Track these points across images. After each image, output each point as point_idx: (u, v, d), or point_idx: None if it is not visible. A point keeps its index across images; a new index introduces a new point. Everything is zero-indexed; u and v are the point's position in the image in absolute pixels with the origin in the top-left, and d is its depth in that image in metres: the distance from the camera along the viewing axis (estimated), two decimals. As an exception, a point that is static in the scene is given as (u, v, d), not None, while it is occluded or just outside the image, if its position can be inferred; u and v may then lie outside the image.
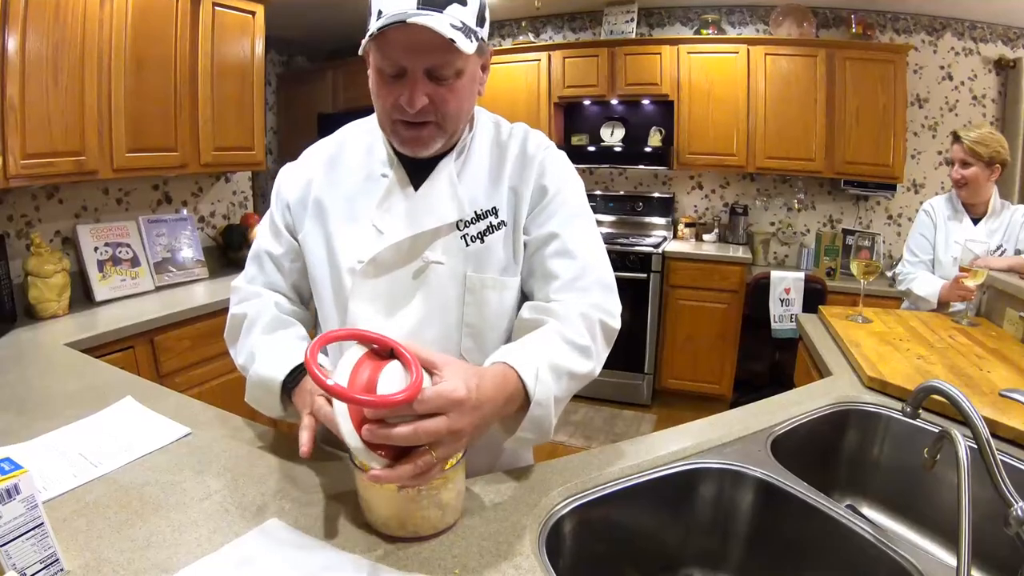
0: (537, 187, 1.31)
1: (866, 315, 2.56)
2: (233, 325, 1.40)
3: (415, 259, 1.27)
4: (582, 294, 1.27)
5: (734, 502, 1.41)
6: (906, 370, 1.93)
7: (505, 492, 1.20)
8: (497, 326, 1.33)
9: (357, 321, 1.26)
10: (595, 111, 5.67)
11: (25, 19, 2.49)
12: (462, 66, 1.14)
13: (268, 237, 1.42)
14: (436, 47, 1.08)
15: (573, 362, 1.17)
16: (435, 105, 1.15)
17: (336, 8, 5.33)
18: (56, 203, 3.14)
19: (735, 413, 1.65)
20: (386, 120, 1.22)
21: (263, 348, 1.29)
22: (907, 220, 4.95)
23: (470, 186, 1.30)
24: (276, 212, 1.41)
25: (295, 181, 1.39)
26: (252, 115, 3.76)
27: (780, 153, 4.81)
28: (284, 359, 1.24)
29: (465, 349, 1.31)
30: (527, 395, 1.07)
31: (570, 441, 4.35)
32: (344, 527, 1.09)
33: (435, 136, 1.21)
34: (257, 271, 1.42)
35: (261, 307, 1.37)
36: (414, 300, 1.28)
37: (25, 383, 1.97)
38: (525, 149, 1.34)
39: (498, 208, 1.30)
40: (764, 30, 5.15)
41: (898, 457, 1.74)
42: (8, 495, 0.87)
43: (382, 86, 1.17)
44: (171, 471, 1.28)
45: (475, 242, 1.28)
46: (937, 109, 4.84)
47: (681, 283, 4.81)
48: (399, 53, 1.10)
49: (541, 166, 1.32)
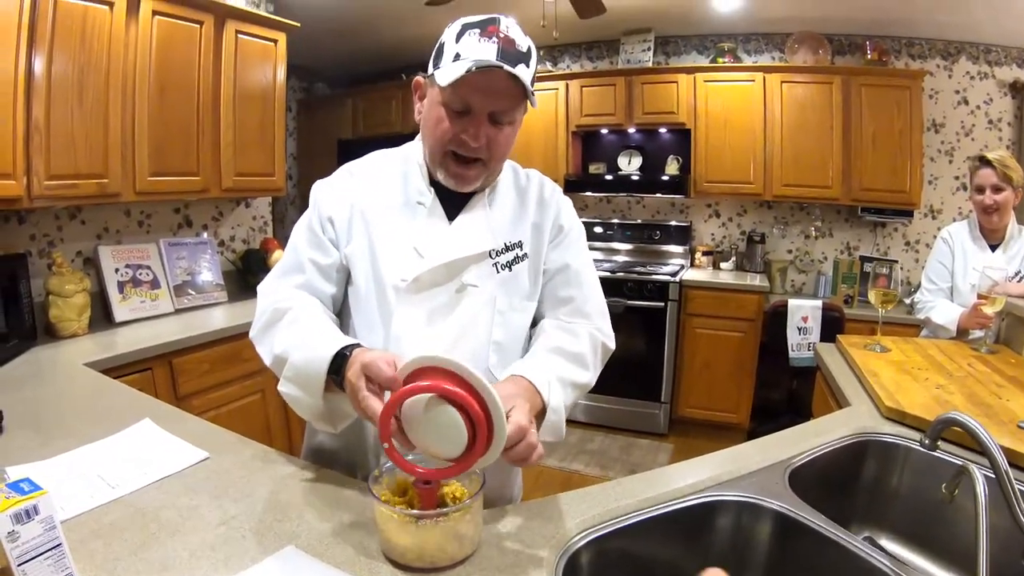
0: (555, 225, 1.51)
1: (884, 344, 2.54)
2: (271, 319, 1.37)
3: (452, 281, 1.39)
4: (587, 319, 1.48)
5: (751, 534, 1.39)
6: (924, 400, 1.91)
7: (522, 523, 1.20)
8: (517, 344, 1.48)
9: (402, 329, 1.36)
10: (612, 140, 5.70)
11: (52, 42, 2.53)
12: (517, 116, 1.34)
13: (310, 248, 1.43)
14: (508, 94, 1.27)
15: (576, 374, 1.37)
16: (489, 145, 1.30)
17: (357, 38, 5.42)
18: (79, 224, 3.17)
19: (753, 445, 1.64)
20: (439, 151, 1.34)
21: (307, 332, 1.28)
22: (924, 246, 4.93)
23: (499, 220, 1.45)
24: (317, 225, 1.44)
25: (336, 197, 1.44)
26: (273, 141, 3.78)
27: (797, 180, 4.80)
28: (334, 338, 1.23)
29: (492, 364, 1.42)
30: (543, 403, 1.22)
31: (586, 470, 4.31)
32: (361, 557, 1.08)
33: (480, 175, 1.37)
34: (302, 280, 1.42)
35: (305, 302, 1.38)
36: (451, 317, 1.39)
37: (44, 402, 1.98)
38: (543, 194, 1.53)
39: (523, 242, 1.47)
40: (780, 58, 5.17)
41: (917, 488, 1.71)
42: (27, 515, 0.88)
43: (445, 120, 1.29)
44: (188, 495, 1.29)
45: (504, 270, 1.43)
46: (953, 134, 4.83)
47: (698, 311, 4.79)
48: (473, 93, 1.24)
49: (557, 207, 1.52)
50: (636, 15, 5.08)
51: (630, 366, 4.79)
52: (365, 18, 4.99)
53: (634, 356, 4.84)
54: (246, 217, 4.16)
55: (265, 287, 1.47)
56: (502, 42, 1.23)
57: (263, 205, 4.28)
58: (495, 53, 1.22)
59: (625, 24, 5.29)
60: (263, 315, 1.40)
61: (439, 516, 1.02)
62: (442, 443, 1.01)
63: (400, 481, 1.12)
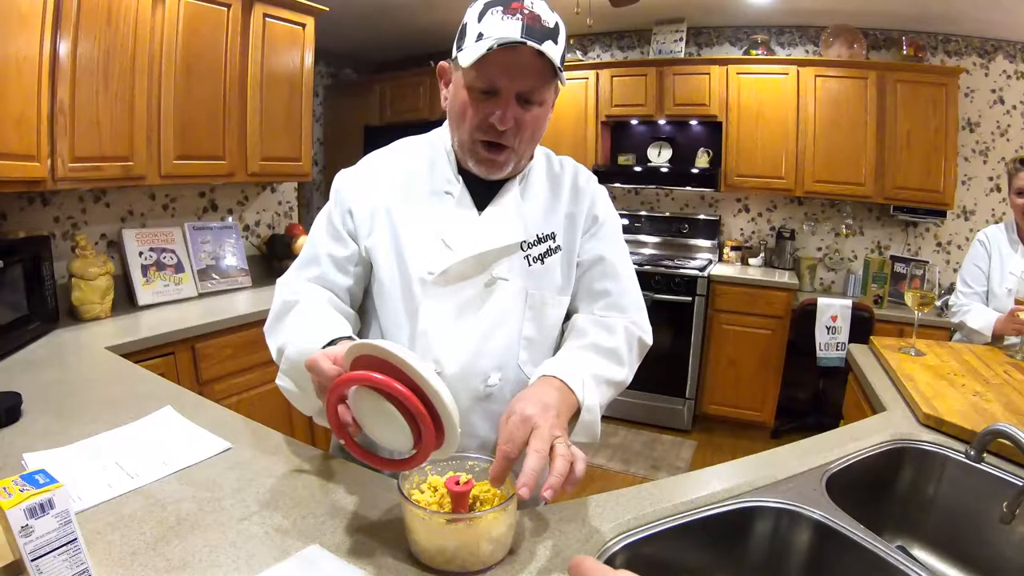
0: (590, 215, 1.46)
1: (919, 347, 2.47)
2: (279, 312, 1.37)
3: (482, 274, 1.35)
4: (623, 312, 1.45)
5: (788, 542, 1.35)
6: (962, 407, 1.84)
7: (555, 527, 1.16)
8: (549, 339, 1.45)
9: (428, 324, 1.32)
10: (642, 131, 5.62)
11: (77, 24, 2.51)
12: (547, 96, 1.28)
13: (328, 241, 1.41)
14: (535, 72, 1.21)
15: (611, 371, 1.33)
16: (518, 127, 1.25)
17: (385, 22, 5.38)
18: (103, 207, 3.17)
19: (788, 449, 1.59)
20: (467, 137, 1.29)
21: (305, 325, 1.26)
22: (956, 248, 4.84)
23: (531, 210, 1.41)
24: (337, 217, 1.41)
25: (359, 188, 1.41)
26: (300, 126, 3.77)
27: (829, 177, 4.72)
28: (328, 330, 1.20)
29: (521, 360, 1.39)
30: (577, 403, 1.18)
31: (608, 465, 4.28)
32: (389, 559, 1.04)
33: (510, 160, 1.31)
34: (318, 272, 1.40)
35: (312, 295, 1.35)
36: (480, 312, 1.35)
37: (64, 385, 1.97)
38: (577, 182, 1.48)
39: (556, 233, 1.43)
40: (814, 51, 5.08)
41: (954, 498, 1.66)
42: (41, 509, 0.85)
43: (471, 103, 1.24)
44: (209, 487, 1.26)
45: (536, 263, 1.39)
46: (988, 133, 4.71)
47: (726, 307, 4.73)
48: (499, 73, 1.19)
49: (592, 197, 1.48)
50: (668, 5, 5.02)
51: (655, 361, 4.69)
52: (393, 2, 4.95)
53: (660, 351, 4.75)
54: (271, 202, 4.15)
55: (283, 280, 1.45)
56: (526, 18, 1.17)
57: (289, 190, 4.27)
58: (519, 30, 1.16)
59: (657, 14, 5.22)
60: (274, 309, 1.39)
61: (472, 518, 0.98)
62: (392, 435, 0.97)
63: (432, 480, 1.08)
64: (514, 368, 1.39)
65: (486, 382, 1.35)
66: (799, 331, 4.52)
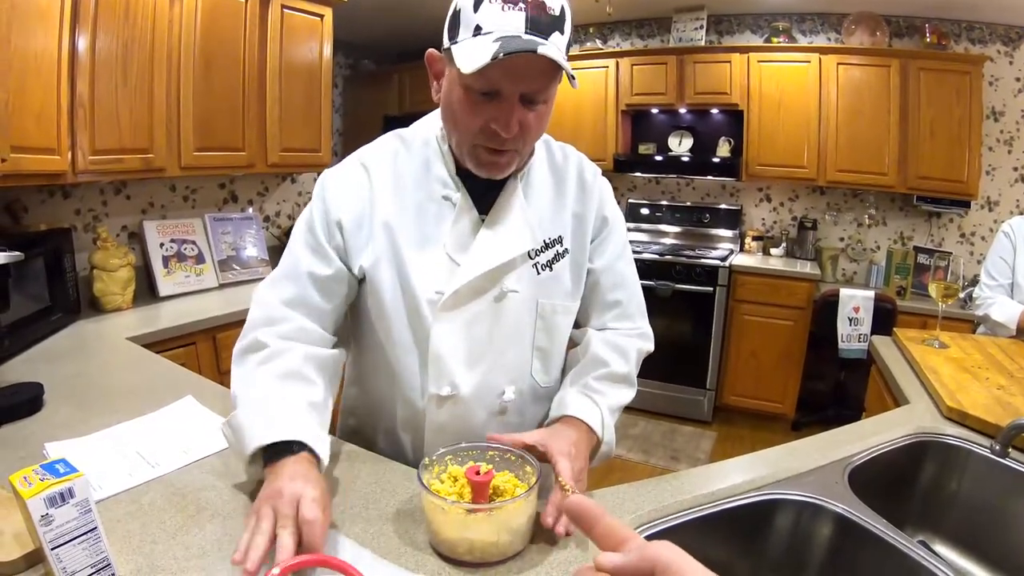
0: (599, 216, 1.39)
1: (943, 340, 2.44)
2: (248, 347, 1.25)
3: (492, 288, 1.27)
4: (631, 320, 1.45)
5: (809, 535, 1.34)
6: (986, 401, 1.82)
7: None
8: (561, 348, 1.43)
9: (441, 347, 1.25)
10: (663, 120, 5.57)
11: (96, 18, 2.52)
12: (551, 93, 1.15)
13: (310, 256, 1.26)
14: (541, 72, 1.08)
15: (623, 396, 1.39)
16: (522, 130, 1.13)
17: (404, 13, 5.35)
18: (123, 199, 3.19)
19: (810, 441, 1.57)
20: (466, 141, 1.17)
21: (265, 396, 1.15)
22: (980, 239, 4.77)
23: (535, 210, 1.32)
24: (320, 229, 1.26)
25: (348, 196, 1.27)
26: (319, 117, 3.78)
27: (851, 166, 4.65)
28: (276, 423, 1.09)
29: (535, 371, 1.38)
30: (598, 440, 1.27)
31: (628, 456, 4.27)
32: (407, 548, 1.04)
33: (513, 162, 1.21)
34: (296, 293, 1.26)
35: (289, 351, 1.22)
36: (492, 327, 1.29)
37: (86, 376, 1.98)
38: (584, 177, 1.39)
39: (563, 236, 1.35)
40: (836, 39, 5.01)
41: (977, 494, 1.64)
42: (62, 499, 0.85)
43: (469, 106, 1.12)
44: (230, 476, 1.26)
45: (545, 270, 1.32)
46: (1013, 123, 4.62)
47: (747, 298, 4.70)
48: (501, 75, 1.06)
49: (601, 195, 1.40)
50: (689, -8, 4.96)
51: (676, 351, 4.75)
52: (410, -7, 4.93)
53: (680, 341, 4.78)
54: (291, 193, 4.17)
55: (258, 295, 1.31)
56: (530, 8, 1.03)
57: (309, 181, 4.28)
58: (523, 23, 1.02)
59: (677, 1, 5.18)
60: (245, 335, 1.27)
61: (492, 508, 0.97)
62: None
63: (452, 470, 1.08)
64: (528, 380, 1.37)
65: (501, 397, 1.33)
66: (820, 322, 4.47)
